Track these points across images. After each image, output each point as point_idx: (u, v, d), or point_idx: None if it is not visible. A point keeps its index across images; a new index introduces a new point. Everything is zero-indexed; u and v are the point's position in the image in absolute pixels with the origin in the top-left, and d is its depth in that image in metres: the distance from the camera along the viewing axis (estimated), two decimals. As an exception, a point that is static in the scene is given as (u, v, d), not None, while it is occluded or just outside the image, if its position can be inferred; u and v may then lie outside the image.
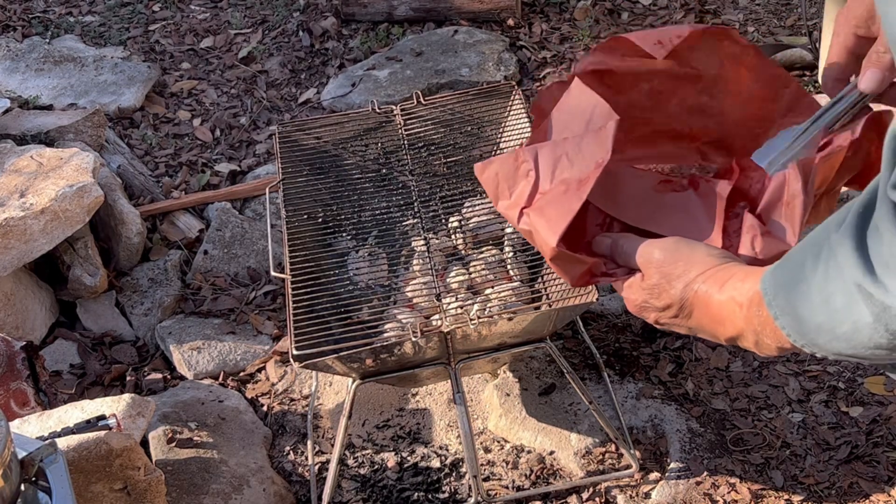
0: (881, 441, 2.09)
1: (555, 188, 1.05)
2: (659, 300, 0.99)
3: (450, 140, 2.31)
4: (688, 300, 0.96)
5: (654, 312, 1.00)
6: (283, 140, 2.27)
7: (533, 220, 1.05)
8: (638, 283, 1.01)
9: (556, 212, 1.04)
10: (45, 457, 1.43)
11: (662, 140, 1.26)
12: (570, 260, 1.04)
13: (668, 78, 1.23)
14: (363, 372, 1.90)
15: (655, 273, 0.99)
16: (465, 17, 3.77)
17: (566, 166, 1.06)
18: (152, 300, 2.69)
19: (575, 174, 1.05)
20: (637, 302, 1.02)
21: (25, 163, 2.66)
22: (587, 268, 1.05)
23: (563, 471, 2.12)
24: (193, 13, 4.00)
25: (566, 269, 1.05)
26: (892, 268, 0.71)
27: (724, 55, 1.23)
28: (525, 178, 1.08)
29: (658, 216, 1.12)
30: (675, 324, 1.00)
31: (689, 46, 1.21)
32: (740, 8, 3.73)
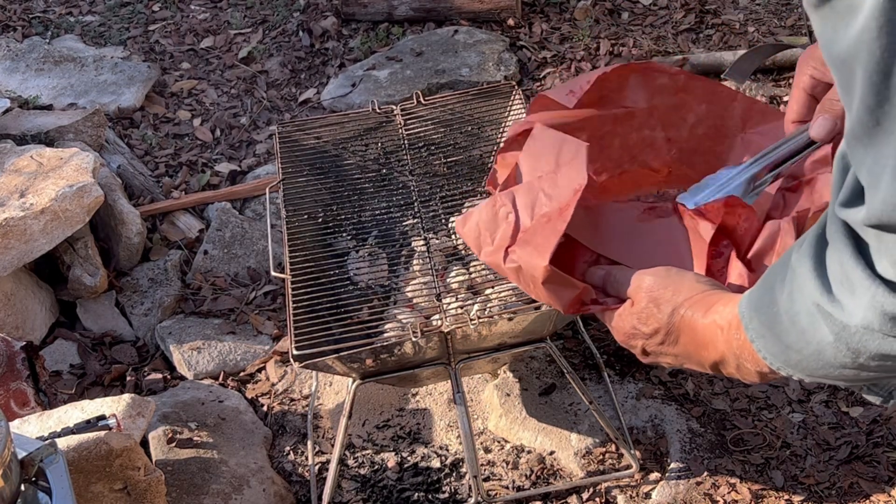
0: (881, 441, 2.09)
1: (536, 222, 1.07)
2: (647, 326, 1.00)
3: (450, 140, 2.31)
4: (675, 325, 0.97)
5: (642, 340, 1.01)
6: (283, 140, 2.27)
7: (519, 253, 1.06)
8: (627, 309, 1.02)
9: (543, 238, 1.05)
10: (45, 457, 1.43)
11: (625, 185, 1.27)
12: (561, 282, 1.04)
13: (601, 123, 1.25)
14: (363, 372, 1.90)
15: (645, 298, 1.00)
16: (466, 17, 3.77)
17: (545, 202, 1.08)
18: (152, 300, 2.69)
19: (554, 205, 1.07)
20: (625, 329, 1.03)
21: (25, 163, 2.66)
22: (578, 294, 1.05)
23: (563, 471, 2.11)
24: (193, 13, 4.00)
25: (558, 294, 1.06)
26: (846, 286, 0.71)
27: (654, 88, 1.25)
28: (505, 220, 1.09)
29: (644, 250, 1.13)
30: (662, 352, 1.01)
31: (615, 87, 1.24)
32: (740, 8, 3.73)
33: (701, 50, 3.49)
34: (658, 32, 3.63)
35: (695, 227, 1.16)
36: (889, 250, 0.67)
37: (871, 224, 0.67)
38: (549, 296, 1.06)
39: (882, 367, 0.75)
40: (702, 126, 1.25)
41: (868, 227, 0.67)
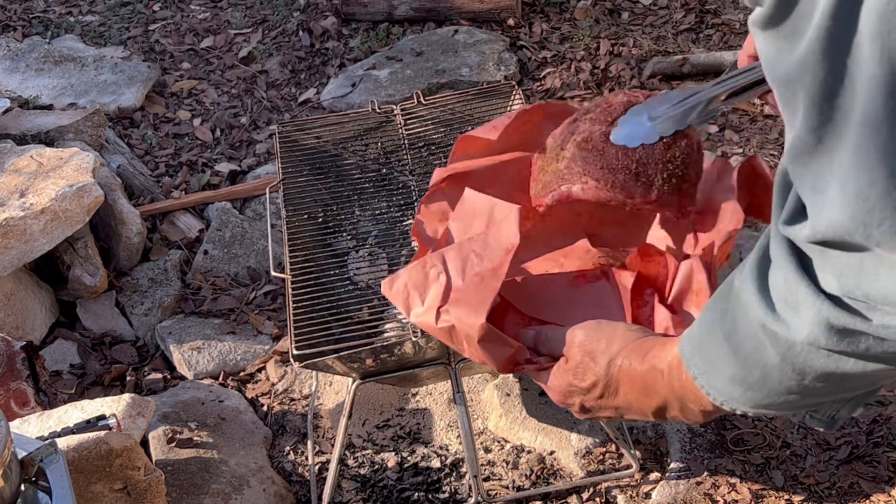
0: (881, 441, 2.09)
1: (468, 282, 1.06)
2: (584, 380, 0.98)
3: (450, 140, 2.31)
4: (613, 376, 0.96)
5: (580, 396, 1.00)
6: (283, 140, 2.27)
7: (452, 312, 1.05)
8: (562, 367, 1.01)
9: (477, 297, 1.04)
10: (45, 457, 1.43)
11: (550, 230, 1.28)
12: (497, 341, 1.03)
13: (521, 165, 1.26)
14: (363, 372, 1.90)
15: (579, 352, 0.99)
16: (466, 17, 3.77)
17: (476, 262, 1.08)
18: (152, 300, 2.69)
19: (487, 265, 1.07)
20: (561, 387, 1.01)
21: (25, 163, 2.66)
22: (512, 353, 1.04)
23: (563, 471, 2.12)
24: (193, 13, 4.00)
25: (493, 353, 1.05)
26: (791, 303, 0.71)
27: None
28: (436, 281, 1.09)
29: (574, 310, 1.13)
30: (601, 405, 0.99)
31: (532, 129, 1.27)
32: (740, 8, 3.73)
33: (701, 50, 3.49)
34: (658, 32, 3.63)
35: (618, 281, 1.17)
36: (832, 266, 0.67)
37: (815, 241, 0.67)
38: (484, 354, 1.05)
39: (826, 389, 0.75)
40: None
41: (811, 243, 0.67)
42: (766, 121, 3.11)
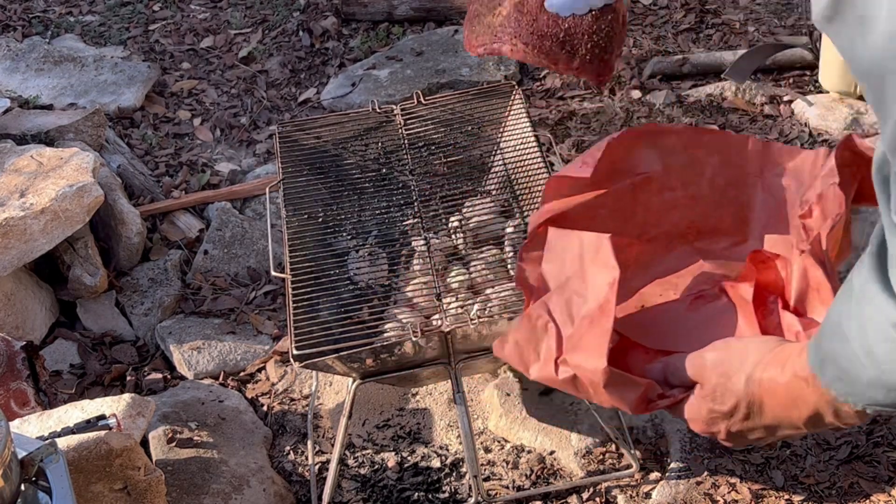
0: (881, 441, 2.09)
1: (579, 326, 1.02)
2: (724, 404, 0.93)
3: (450, 140, 2.31)
4: (754, 393, 0.90)
5: (724, 422, 0.94)
6: (283, 140, 2.27)
7: (571, 361, 1.01)
8: (697, 394, 0.95)
9: (592, 340, 1.00)
10: (45, 457, 1.43)
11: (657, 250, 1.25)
12: (624, 383, 0.99)
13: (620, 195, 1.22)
14: (363, 372, 1.90)
15: (713, 375, 0.94)
16: (466, 17, 3.77)
17: (580, 303, 1.04)
18: (152, 300, 2.69)
19: (592, 305, 1.02)
20: (702, 416, 0.96)
21: (25, 162, 2.66)
22: (642, 392, 1.00)
23: (563, 471, 2.11)
24: (193, 13, 4.00)
25: (622, 395, 1.00)
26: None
27: (663, 149, 1.22)
28: (545, 332, 1.05)
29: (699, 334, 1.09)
30: (748, 428, 0.94)
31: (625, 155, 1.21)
32: (740, 8, 3.73)
33: (701, 50, 3.49)
34: (658, 32, 3.63)
35: (738, 295, 1.13)
36: None
37: None
38: (612, 399, 1.00)
39: None
40: (720, 177, 1.22)
41: None
42: (766, 121, 3.11)
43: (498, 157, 2.30)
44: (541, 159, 2.15)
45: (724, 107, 3.20)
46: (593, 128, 3.17)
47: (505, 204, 2.25)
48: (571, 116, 3.23)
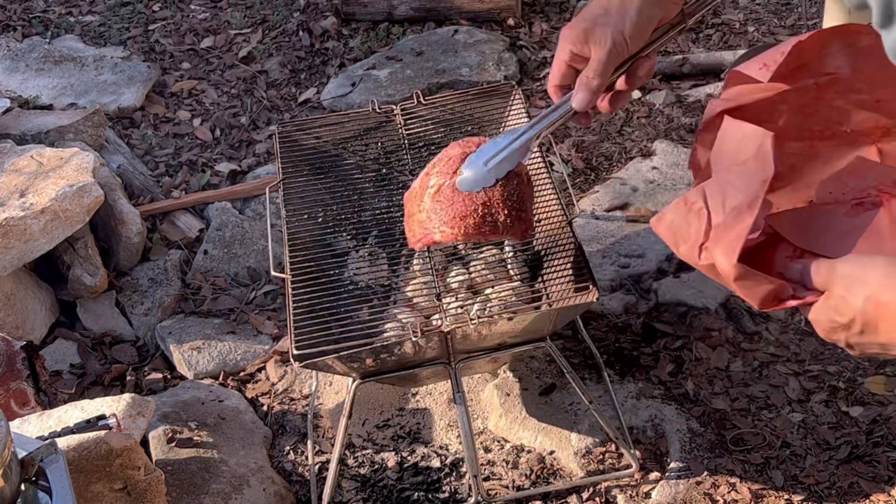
0: (881, 441, 2.09)
1: (727, 217, 1.06)
2: (843, 316, 0.96)
3: (450, 140, 2.31)
4: (869, 313, 0.93)
5: (843, 333, 0.97)
6: (283, 140, 2.27)
7: (711, 250, 1.06)
8: (822, 302, 0.99)
9: (731, 235, 1.04)
10: (45, 456, 1.43)
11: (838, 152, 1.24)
12: (754, 279, 1.03)
13: (802, 93, 1.21)
14: (363, 372, 1.90)
15: (837, 287, 0.96)
16: (466, 17, 3.77)
17: (733, 194, 1.07)
18: (152, 300, 2.69)
19: (742, 199, 1.05)
20: (824, 323, 0.99)
21: (25, 162, 2.66)
22: (773, 290, 1.03)
23: (563, 471, 2.12)
24: (193, 13, 4.01)
25: (751, 290, 1.04)
26: None
27: (858, 51, 1.20)
28: (697, 217, 1.09)
29: (846, 242, 1.11)
30: (865, 343, 0.96)
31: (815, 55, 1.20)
32: (740, 8, 3.74)
33: (701, 50, 3.50)
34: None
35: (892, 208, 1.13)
36: None
37: None
38: (742, 292, 1.05)
39: None
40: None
41: None
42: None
43: (498, 157, 2.30)
44: (540, 159, 2.15)
45: (723, 107, 3.20)
46: (593, 128, 3.17)
47: (505, 204, 2.25)
48: (571, 116, 3.23)
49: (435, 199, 1.58)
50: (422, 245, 1.65)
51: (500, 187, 1.57)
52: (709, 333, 2.37)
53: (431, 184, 1.60)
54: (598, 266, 2.58)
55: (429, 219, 1.61)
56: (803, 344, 2.34)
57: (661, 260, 2.58)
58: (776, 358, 2.31)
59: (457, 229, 1.56)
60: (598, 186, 2.90)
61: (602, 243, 2.67)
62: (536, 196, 2.13)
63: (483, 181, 1.56)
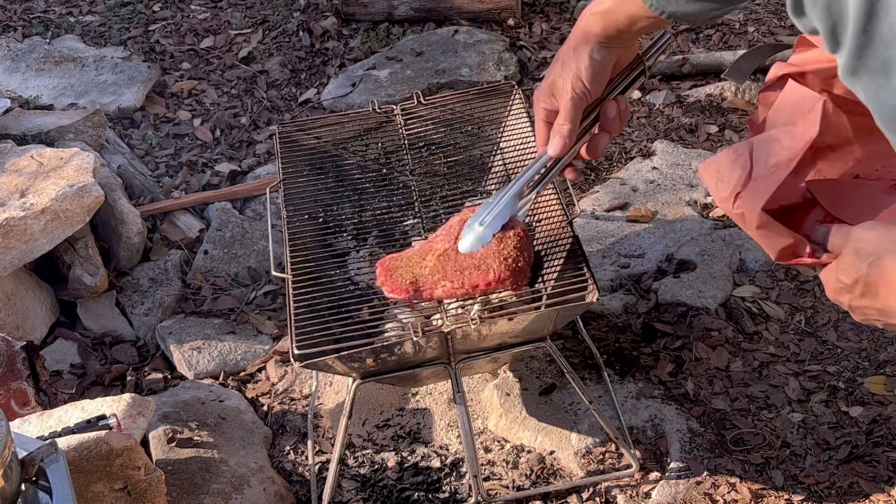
0: (881, 441, 2.09)
1: (766, 171, 1.10)
2: (848, 277, 0.99)
3: (450, 140, 2.31)
4: (872, 276, 0.96)
5: (847, 294, 1.00)
6: (284, 140, 2.27)
7: (744, 199, 1.10)
8: (833, 263, 1.02)
9: (765, 185, 1.08)
10: (45, 456, 1.43)
11: None
12: (775, 230, 1.07)
13: None
14: (363, 372, 1.90)
15: (849, 250, 0.99)
16: (466, 17, 3.77)
17: (778, 151, 1.11)
18: (152, 300, 2.69)
19: (784, 156, 1.09)
20: (831, 284, 1.02)
21: (26, 163, 2.67)
22: (791, 245, 1.07)
23: (563, 470, 2.12)
24: (193, 13, 4.01)
25: (770, 241, 1.08)
26: None
27: None
28: (741, 167, 1.12)
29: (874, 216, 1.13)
30: (865, 307, 0.99)
31: None
32: (740, 8, 3.74)
33: (701, 50, 3.50)
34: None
35: None
36: None
37: None
38: (762, 241, 1.09)
39: None
40: None
41: None
42: (765, 121, 3.11)
43: (498, 157, 2.30)
44: (541, 159, 2.15)
45: (723, 107, 3.20)
46: (593, 128, 3.17)
47: (505, 204, 2.25)
48: (571, 116, 3.23)
49: (440, 258, 1.77)
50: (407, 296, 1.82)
51: (496, 241, 1.72)
52: (709, 333, 2.37)
53: (436, 248, 1.79)
54: (598, 266, 2.58)
55: (431, 274, 1.79)
56: (803, 344, 2.34)
57: (661, 260, 2.58)
58: (776, 358, 2.31)
59: (457, 283, 1.75)
60: (598, 186, 2.91)
61: (602, 243, 2.67)
62: (537, 196, 2.14)
63: (480, 240, 1.70)
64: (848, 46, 0.63)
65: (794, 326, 2.38)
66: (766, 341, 2.35)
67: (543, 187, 1.65)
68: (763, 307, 2.43)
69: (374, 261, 2.05)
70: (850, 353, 2.31)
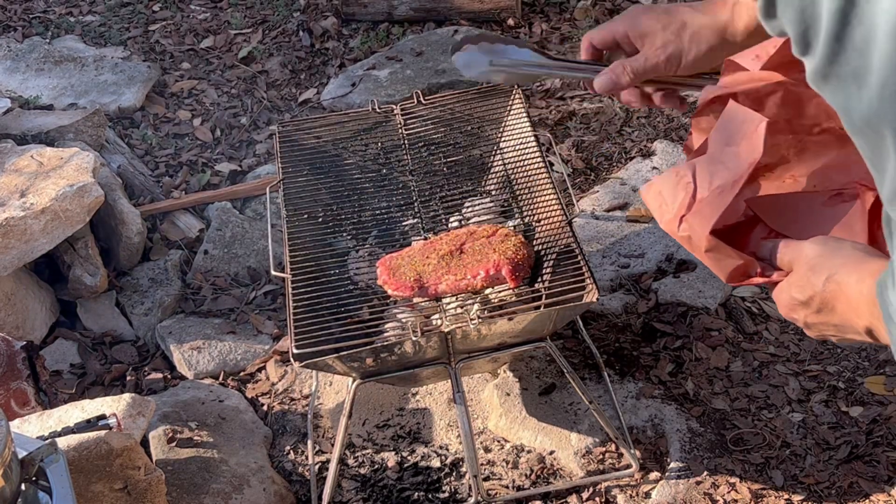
0: (881, 441, 2.09)
1: (711, 193, 1.09)
2: (803, 293, 0.98)
3: (450, 139, 2.31)
4: (828, 292, 0.95)
5: (802, 311, 1.00)
6: (283, 140, 2.27)
7: (689, 221, 1.09)
8: (787, 279, 1.02)
9: (711, 208, 1.08)
10: (45, 456, 1.43)
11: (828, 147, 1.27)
12: (724, 253, 1.06)
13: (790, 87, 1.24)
14: (363, 371, 1.90)
15: (802, 265, 0.99)
16: (466, 17, 3.77)
17: (721, 173, 1.10)
18: (152, 300, 2.69)
19: (729, 177, 1.09)
20: (785, 301, 1.01)
21: (26, 162, 2.66)
22: (741, 266, 1.07)
23: (563, 470, 2.12)
24: (193, 13, 4.01)
25: (720, 264, 1.08)
26: None
27: None
28: (684, 189, 1.12)
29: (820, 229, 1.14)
30: (821, 323, 0.99)
31: None
32: (740, 8, 3.73)
33: (701, 50, 3.49)
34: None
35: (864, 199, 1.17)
36: None
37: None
38: (711, 264, 1.08)
39: None
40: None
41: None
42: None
43: (497, 157, 2.30)
44: (540, 159, 2.15)
45: (723, 107, 3.20)
46: (593, 128, 3.17)
47: (504, 204, 2.25)
48: (571, 116, 3.23)
49: (443, 258, 1.93)
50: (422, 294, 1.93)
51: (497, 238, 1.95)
52: (709, 333, 2.37)
53: (440, 248, 1.96)
54: (598, 266, 2.58)
55: (435, 270, 1.91)
56: (803, 344, 2.34)
57: (660, 260, 2.58)
58: (776, 358, 2.31)
59: (459, 275, 1.90)
60: (598, 186, 2.90)
61: (602, 243, 2.67)
62: (537, 196, 2.14)
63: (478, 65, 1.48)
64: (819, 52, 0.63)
65: (794, 326, 2.38)
66: (765, 341, 2.35)
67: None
68: (763, 307, 2.43)
69: (374, 261, 2.06)
70: (850, 353, 2.31)
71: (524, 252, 1.97)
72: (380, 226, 2.19)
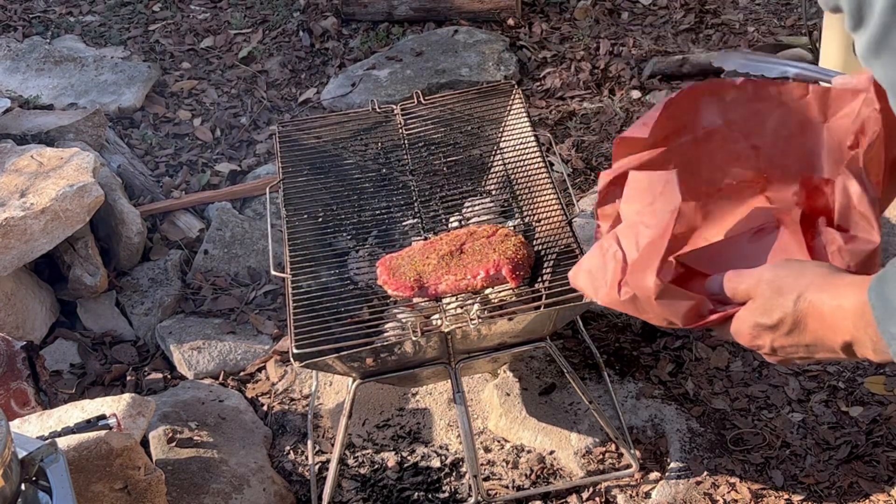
0: (881, 441, 2.09)
1: (642, 252, 1.09)
2: (770, 317, 0.97)
3: (450, 139, 2.31)
4: (801, 311, 0.94)
5: (769, 336, 0.98)
6: (283, 140, 2.27)
7: (630, 281, 1.08)
8: (747, 307, 1.00)
9: (647, 262, 1.07)
10: (45, 456, 1.43)
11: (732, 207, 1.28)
12: (675, 295, 1.05)
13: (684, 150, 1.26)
14: (363, 372, 1.90)
15: (767, 289, 0.98)
16: (466, 17, 3.77)
17: (645, 232, 1.10)
18: (152, 300, 2.69)
19: (656, 232, 1.09)
20: (748, 328, 1.00)
21: (26, 162, 2.66)
22: (694, 305, 1.06)
23: (563, 470, 2.12)
24: (193, 13, 4.01)
25: (674, 308, 1.06)
26: None
27: (725, 105, 1.26)
28: (613, 259, 1.11)
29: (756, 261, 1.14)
30: (791, 344, 0.98)
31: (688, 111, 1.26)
32: (740, 8, 3.74)
33: (701, 50, 3.50)
34: (658, 32, 3.64)
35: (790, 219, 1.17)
36: None
37: None
38: (665, 311, 1.07)
39: None
40: (783, 128, 1.26)
41: None
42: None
43: (497, 157, 2.30)
44: (540, 159, 2.15)
45: (723, 107, 3.20)
46: (593, 128, 3.17)
47: (504, 204, 2.25)
48: (571, 116, 3.23)
49: (443, 258, 1.96)
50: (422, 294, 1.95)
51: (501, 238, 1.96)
52: (709, 333, 2.37)
53: (440, 248, 1.97)
54: (598, 266, 2.58)
55: (434, 271, 1.93)
56: (803, 344, 2.34)
57: (660, 260, 2.58)
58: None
59: (459, 274, 1.92)
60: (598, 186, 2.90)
61: (602, 243, 2.67)
62: (537, 196, 2.14)
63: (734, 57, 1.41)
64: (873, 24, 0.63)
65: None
66: (765, 341, 2.35)
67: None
68: (763, 307, 2.43)
69: (374, 261, 2.06)
70: (850, 353, 2.31)
71: (524, 252, 1.97)
72: (380, 226, 2.19)
